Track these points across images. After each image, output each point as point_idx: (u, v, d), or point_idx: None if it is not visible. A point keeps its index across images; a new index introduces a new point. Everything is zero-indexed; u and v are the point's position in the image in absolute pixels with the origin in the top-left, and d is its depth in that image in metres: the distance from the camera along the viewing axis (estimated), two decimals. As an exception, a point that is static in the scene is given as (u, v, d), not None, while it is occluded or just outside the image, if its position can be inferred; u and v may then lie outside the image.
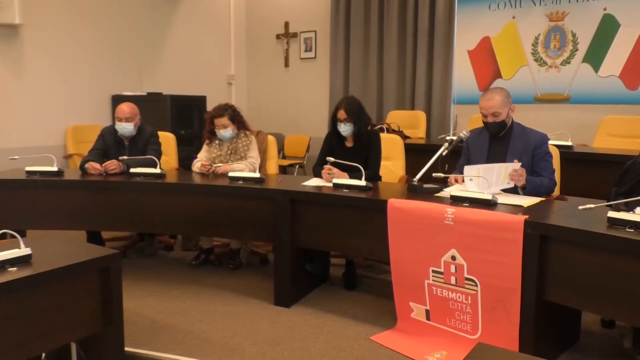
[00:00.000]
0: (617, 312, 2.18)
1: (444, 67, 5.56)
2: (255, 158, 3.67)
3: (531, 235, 2.19)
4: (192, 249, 4.02)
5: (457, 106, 5.57)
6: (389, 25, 5.83)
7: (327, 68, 6.39)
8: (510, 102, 2.88)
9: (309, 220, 2.99)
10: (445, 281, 2.48)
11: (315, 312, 2.96)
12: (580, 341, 2.59)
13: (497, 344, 2.25)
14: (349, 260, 3.38)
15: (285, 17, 6.74)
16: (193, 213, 3.28)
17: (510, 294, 2.27)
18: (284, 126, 6.56)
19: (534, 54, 5.17)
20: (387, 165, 3.58)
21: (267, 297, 3.13)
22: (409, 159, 3.72)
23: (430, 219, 2.49)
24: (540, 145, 2.83)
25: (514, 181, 2.65)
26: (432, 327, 2.58)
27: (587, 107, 4.88)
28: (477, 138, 3.01)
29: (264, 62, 6.98)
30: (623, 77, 4.73)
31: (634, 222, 2.03)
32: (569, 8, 4.95)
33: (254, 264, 3.82)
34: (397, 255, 2.63)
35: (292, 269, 3.04)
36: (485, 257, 2.33)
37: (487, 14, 5.38)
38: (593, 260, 2.09)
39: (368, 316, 2.89)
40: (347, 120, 3.23)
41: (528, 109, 5.04)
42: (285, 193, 3.02)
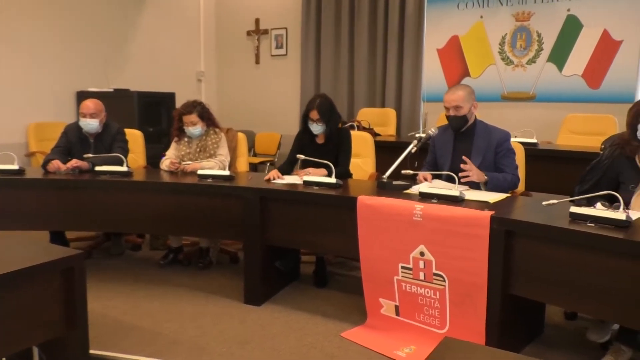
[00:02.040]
0: (579, 305, 2.24)
1: (413, 65, 5.61)
2: (224, 156, 3.63)
3: (497, 230, 2.24)
4: (160, 249, 3.95)
5: (426, 104, 5.64)
6: (359, 23, 5.86)
7: (298, 65, 6.37)
8: (473, 99, 2.93)
9: (279, 217, 2.98)
10: (414, 277, 2.51)
11: (285, 310, 2.95)
12: (544, 333, 2.65)
13: (464, 337, 2.29)
14: (319, 258, 3.38)
15: (256, 13, 6.69)
16: (161, 212, 3.22)
17: (477, 289, 2.31)
18: (255, 123, 6.51)
19: (501, 53, 5.27)
20: (358, 162, 3.60)
21: (237, 295, 3.10)
22: (379, 156, 3.74)
23: (399, 216, 2.51)
24: (503, 142, 2.89)
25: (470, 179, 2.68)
26: (402, 322, 2.60)
27: (551, 105, 5.01)
28: (443, 135, 3.05)
29: (234, 58, 6.91)
30: (585, 76, 4.87)
31: (595, 217, 2.09)
32: (535, 8, 5.06)
33: (224, 262, 3.78)
34: (366, 251, 2.64)
35: (262, 267, 3.02)
36: (452, 252, 2.36)
37: (455, 14, 5.45)
38: (556, 255, 2.14)
39: (338, 313, 2.90)
40: (319, 120, 3.23)
41: (495, 106, 5.14)
42: (255, 191, 3.00)
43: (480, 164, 2.88)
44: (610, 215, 2.07)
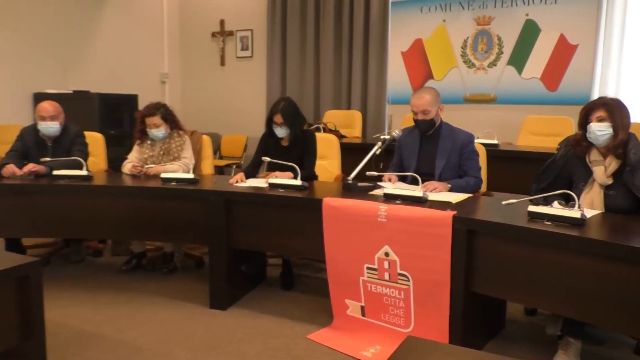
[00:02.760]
0: (538, 301, 2.30)
1: (378, 67, 5.67)
2: (189, 159, 3.58)
3: (459, 230, 2.28)
4: (122, 254, 3.85)
5: (391, 106, 5.71)
6: (324, 26, 5.88)
7: (264, 67, 6.35)
8: (439, 102, 2.98)
9: (245, 220, 2.95)
10: (379, 277, 2.53)
11: (251, 314, 2.93)
12: (505, 329, 2.72)
13: (428, 336, 2.33)
14: (286, 260, 3.37)
15: (221, 15, 6.63)
16: (123, 216, 3.15)
17: (440, 287, 2.34)
18: (221, 126, 6.46)
19: (463, 56, 5.38)
20: (323, 164, 3.60)
21: (202, 300, 3.06)
22: (345, 157, 3.76)
23: (364, 217, 2.52)
24: (467, 144, 2.95)
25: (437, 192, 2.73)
26: (367, 322, 2.62)
27: (511, 107, 5.14)
28: (409, 137, 3.09)
29: (199, 60, 6.83)
30: (544, 79, 5.02)
31: (551, 215, 2.16)
32: (495, 13, 5.19)
33: (189, 267, 3.72)
34: (332, 253, 2.65)
35: (227, 270, 2.99)
36: (416, 252, 2.39)
37: (419, 17, 5.54)
38: (515, 252, 2.19)
39: (305, 315, 2.90)
40: (283, 124, 3.22)
41: (458, 108, 5.24)
42: (220, 194, 2.97)
43: (445, 165, 2.93)
44: (566, 214, 2.13)
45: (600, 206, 2.39)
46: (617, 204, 2.35)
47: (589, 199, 2.41)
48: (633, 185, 2.30)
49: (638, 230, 2.19)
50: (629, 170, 2.32)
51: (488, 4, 5.19)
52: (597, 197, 2.40)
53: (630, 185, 2.31)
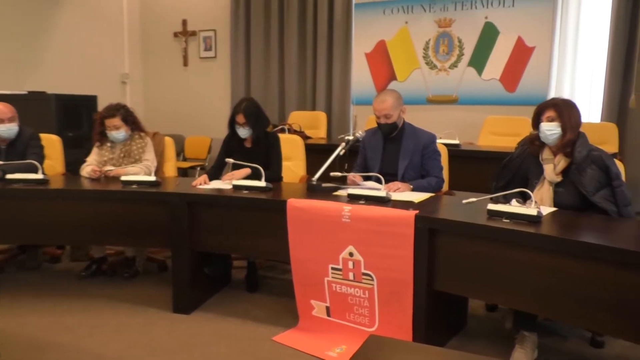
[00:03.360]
0: (498, 297, 2.36)
1: (342, 68, 5.70)
2: (151, 161, 3.51)
3: (421, 229, 2.31)
4: (81, 259, 3.74)
5: (356, 107, 5.75)
6: (289, 27, 5.88)
7: (227, 68, 6.29)
8: (401, 104, 3.02)
9: (208, 223, 2.92)
10: (344, 277, 2.54)
11: (216, 317, 2.90)
12: (467, 325, 2.77)
13: (393, 334, 2.36)
14: (251, 262, 3.35)
15: (183, 14, 6.54)
16: (82, 221, 3.06)
17: (404, 286, 2.37)
18: (184, 127, 6.36)
19: (425, 58, 5.47)
20: (288, 165, 3.60)
21: (165, 305, 3.00)
22: (310, 158, 3.76)
23: (328, 218, 2.53)
24: (429, 144, 3.00)
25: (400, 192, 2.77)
26: (333, 322, 2.63)
27: (472, 107, 5.26)
28: (373, 138, 3.12)
29: (161, 60, 6.71)
30: (503, 80, 5.16)
31: (510, 213, 2.21)
32: (455, 15, 5.29)
33: (152, 271, 3.65)
34: (297, 254, 2.65)
35: (191, 274, 2.95)
36: (380, 251, 2.42)
37: (381, 19, 5.60)
38: (476, 250, 2.24)
39: (270, 317, 2.88)
40: (245, 124, 3.20)
41: (420, 109, 5.32)
42: (182, 196, 2.92)
43: (408, 165, 2.97)
44: (524, 212, 2.19)
45: (549, 203, 2.47)
46: (566, 201, 2.44)
47: (540, 196, 2.49)
48: (579, 183, 2.39)
49: (591, 226, 2.28)
50: (575, 168, 2.41)
51: (449, 6, 5.29)
52: (546, 194, 2.49)
53: (577, 183, 2.40)
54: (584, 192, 2.38)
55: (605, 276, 1.92)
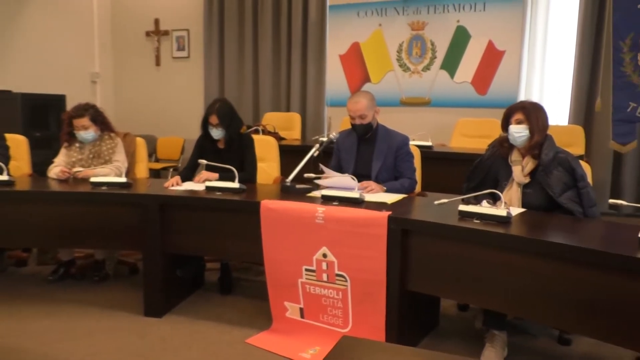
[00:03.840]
0: (469, 296, 2.39)
1: (317, 70, 5.71)
2: (121, 162, 3.44)
3: (394, 230, 2.33)
4: (49, 263, 3.64)
5: (330, 108, 5.76)
6: (263, 28, 5.86)
7: (201, 68, 6.23)
8: (375, 105, 3.04)
9: (181, 225, 2.88)
10: (318, 278, 2.54)
11: (188, 320, 2.86)
12: (440, 325, 2.81)
13: (366, 335, 2.37)
14: (224, 264, 3.32)
15: (155, 13, 6.45)
16: (49, 223, 2.98)
17: (377, 287, 2.39)
18: (156, 128, 6.27)
19: (399, 60, 5.52)
20: (262, 166, 3.58)
21: (136, 308, 2.95)
22: (285, 160, 3.75)
23: (302, 219, 2.53)
24: (402, 146, 3.03)
25: (373, 193, 2.79)
26: (306, 324, 2.62)
27: (444, 110, 5.33)
28: (346, 139, 3.14)
29: (133, 60, 6.60)
30: (474, 83, 5.25)
31: (480, 214, 2.25)
32: (428, 18, 5.36)
33: (123, 274, 3.58)
34: (270, 255, 2.64)
35: (163, 277, 2.91)
36: (353, 252, 2.43)
37: (356, 21, 5.63)
38: (447, 250, 2.27)
39: (244, 319, 2.86)
40: (219, 125, 3.17)
41: (394, 111, 5.37)
42: (154, 198, 2.88)
43: (381, 167, 2.99)
44: (494, 212, 2.23)
45: (517, 203, 2.52)
46: (533, 202, 2.49)
47: (508, 197, 2.54)
48: (546, 184, 2.45)
49: (558, 227, 2.33)
50: (542, 170, 2.47)
51: (421, 9, 5.36)
52: (515, 195, 2.54)
53: (544, 184, 2.46)
54: (550, 193, 2.44)
55: (572, 275, 1.96)
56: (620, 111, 4.09)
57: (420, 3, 5.35)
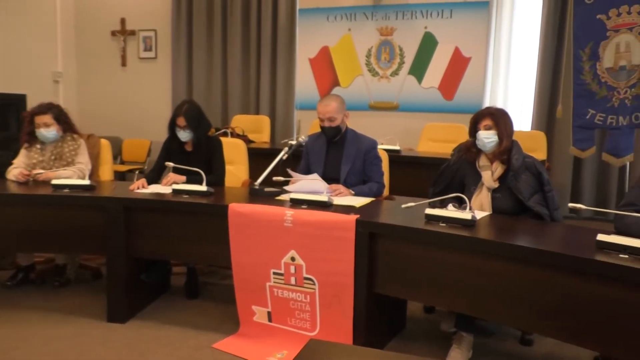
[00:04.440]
0: (436, 299, 2.44)
1: (286, 73, 5.70)
2: (84, 164, 3.35)
3: (361, 233, 2.35)
4: (7, 268, 3.51)
5: (299, 112, 5.76)
6: (232, 29, 5.81)
7: (168, 69, 6.14)
8: (345, 109, 3.06)
9: (147, 228, 2.83)
10: (286, 282, 2.54)
11: (153, 325, 2.81)
12: (406, 327, 2.84)
13: (333, 338, 2.37)
14: (190, 268, 3.27)
15: (122, 13, 6.32)
16: (7, 227, 2.88)
17: (345, 290, 2.40)
18: (122, 129, 6.14)
19: (368, 65, 5.57)
20: (231, 169, 3.55)
21: (99, 314, 2.88)
22: (254, 163, 3.74)
23: (270, 222, 2.52)
24: (370, 150, 3.05)
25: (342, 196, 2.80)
26: (274, 328, 2.61)
27: (412, 114, 5.41)
28: (316, 143, 3.15)
29: (98, 60, 6.45)
30: (441, 88, 5.34)
31: (446, 217, 2.29)
32: (397, 24, 5.43)
33: (85, 279, 3.49)
34: (238, 259, 2.62)
35: (127, 281, 2.85)
36: (322, 256, 2.43)
37: (325, 25, 5.66)
38: (414, 253, 2.30)
39: (210, 324, 2.83)
40: (186, 127, 3.13)
41: (363, 115, 5.41)
42: (119, 201, 2.82)
43: (350, 170, 3.01)
44: (459, 216, 2.28)
45: (488, 208, 2.58)
46: (503, 206, 2.55)
47: (479, 202, 2.60)
48: (516, 189, 2.51)
49: (521, 230, 2.40)
50: (512, 175, 2.53)
51: (390, 15, 5.43)
52: (485, 199, 2.59)
53: (513, 188, 2.52)
54: (520, 197, 2.50)
55: (534, 277, 2.02)
56: (580, 118, 4.23)
57: (389, 9, 5.42)
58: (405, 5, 5.36)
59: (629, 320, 1.79)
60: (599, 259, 1.85)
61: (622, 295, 1.81)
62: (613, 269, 1.80)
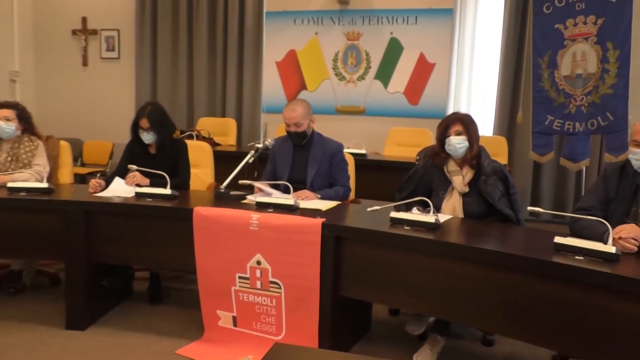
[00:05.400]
0: (400, 301, 2.46)
1: (253, 76, 5.67)
2: (42, 166, 3.24)
3: (327, 236, 2.35)
4: (-41, 274, 3.38)
5: (266, 115, 5.74)
6: (198, 31, 5.75)
7: (132, 70, 6.02)
8: (311, 114, 3.06)
9: (108, 232, 2.77)
10: (251, 286, 2.52)
11: (114, 332, 2.74)
12: (371, 330, 2.86)
13: (299, 342, 2.37)
14: (153, 273, 3.21)
15: (83, 11, 6.16)
16: (-41, 231, 2.76)
17: (310, 293, 2.40)
18: (83, 131, 5.98)
19: (335, 69, 5.60)
20: (196, 172, 3.50)
21: (57, 321, 2.79)
22: (220, 166, 3.70)
23: (236, 226, 2.50)
24: (337, 153, 3.07)
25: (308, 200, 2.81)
26: (239, 332, 2.59)
27: (378, 119, 5.46)
28: (282, 146, 3.14)
29: (58, 59, 6.27)
30: (406, 93, 5.41)
31: (410, 220, 2.32)
32: (363, 29, 5.48)
33: (42, 285, 3.37)
34: (203, 263, 2.58)
35: (87, 287, 2.77)
36: (287, 259, 2.43)
37: (292, 29, 5.66)
38: (379, 256, 2.32)
39: (174, 329, 2.78)
40: (150, 129, 3.07)
41: (330, 119, 5.43)
42: (79, 204, 2.75)
43: (316, 173, 3.02)
44: (423, 219, 2.31)
45: (460, 212, 2.62)
46: (473, 210, 2.61)
47: (451, 206, 2.64)
48: (486, 192, 2.57)
49: (484, 233, 2.45)
50: (483, 179, 2.58)
51: (357, 20, 5.47)
52: (457, 203, 2.64)
53: (483, 192, 2.57)
54: (490, 201, 2.55)
55: (494, 279, 2.07)
56: (539, 124, 4.36)
57: (356, 14, 5.46)
58: (372, 10, 5.42)
59: (584, 320, 1.86)
60: (556, 260, 1.91)
61: (577, 295, 1.87)
62: (569, 271, 1.87)
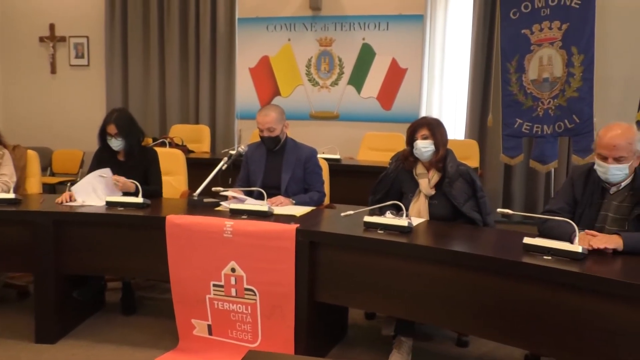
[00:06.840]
0: (375, 305, 2.48)
1: (226, 82, 5.65)
2: (9, 176, 3.16)
3: (302, 242, 2.36)
4: None
5: (240, 121, 5.72)
6: (169, 37, 5.69)
7: (102, 77, 5.92)
8: (284, 119, 3.07)
9: (78, 243, 2.72)
10: (226, 294, 2.50)
11: (86, 345, 2.68)
12: (348, 334, 2.86)
13: (275, 348, 2.36)
14: (126, 283, 3.15)
15: (50, 18, 6.04)
16: None
17: (286, 299, 2.39)
18: (52, 140, 5.86)
19: (308, 75, 5.62)
20: (169, 180, 3.46)
21: (26, 335, 2.72)
22: (193, 173, 3.65)
23: (209, 233, 2.48)
24: (310, 158, 3.08)
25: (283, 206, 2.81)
26: (215, 341, 2.57)
27: (352, 124, 5.50)
28: (256, 152, 3.13)
29: (24, 67, 6.13)
30: (380, 98, 5.47)
31: (384, 224, 2.34)
32: (335, 35, 5.52)
33: (10, 298, 3.28)
34: (177, 272, 2.56)
35: (56, 299, 2.71)
36: (262, 266, 2.42)
37: (265, 35, 5.66)
38: (354, 261, 2.34)
39: (148, 340, 2.74)
40: (117, 135, 3.03)
41: (304, 124, 5.45)
42: (48, 215, 2.69)
43: (290, 179, 3.02)
44: (396, 223, 2.33)
45: (425, 214, 2.66)
46: (439, 212, 2.64)
47: (416, 209, 2.67)
48: (451, 195, 2.61)
49: (455, 235, 2.49)
50: (447, 181, 2.63)
51: (329, 26, 5.51)
52: (423, 206, 2.67)
53: (448, 194, 2.62)
54: (455, 203, 2.59)
55: (467, 280, 2.10)
56: (508, 127, 4.46)
57: (328, 20, 5.50)
58: (344, 16, 5.46)
59: (554, 319, 1.90)
60: (525, 261, 1.96)
61: (546, 294, 1.91)
62: (538, 270, 1.91)
